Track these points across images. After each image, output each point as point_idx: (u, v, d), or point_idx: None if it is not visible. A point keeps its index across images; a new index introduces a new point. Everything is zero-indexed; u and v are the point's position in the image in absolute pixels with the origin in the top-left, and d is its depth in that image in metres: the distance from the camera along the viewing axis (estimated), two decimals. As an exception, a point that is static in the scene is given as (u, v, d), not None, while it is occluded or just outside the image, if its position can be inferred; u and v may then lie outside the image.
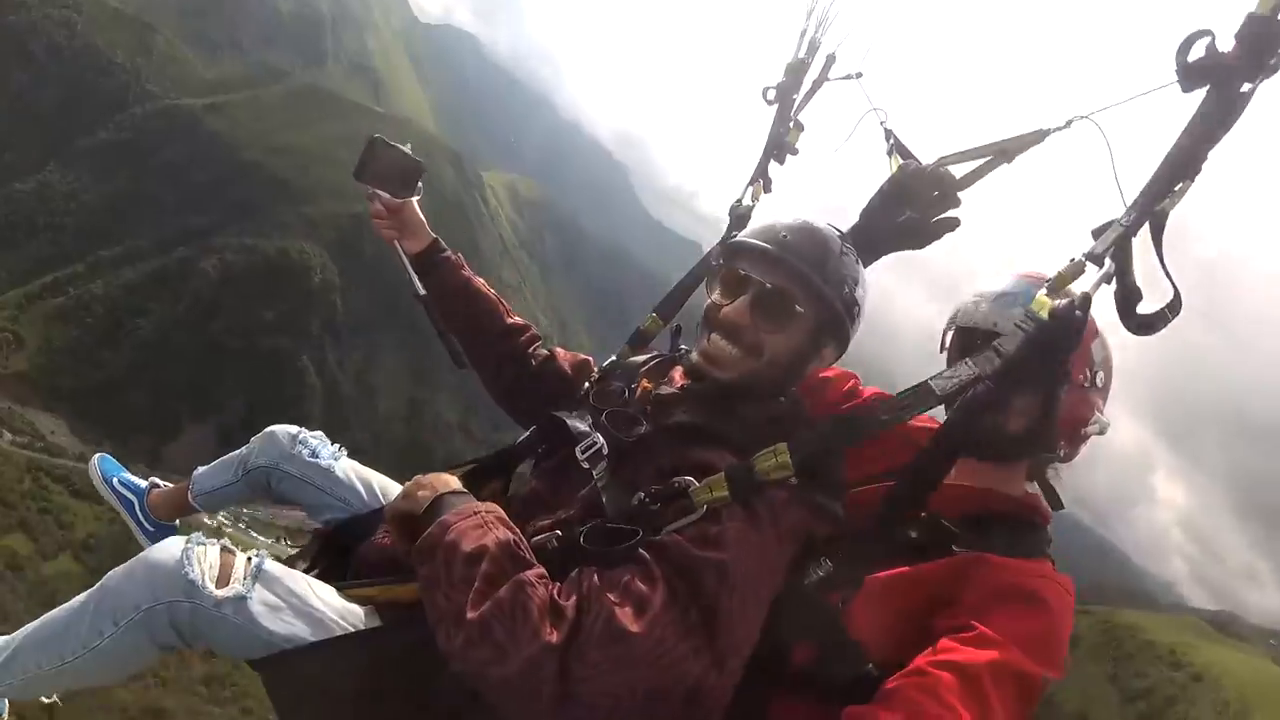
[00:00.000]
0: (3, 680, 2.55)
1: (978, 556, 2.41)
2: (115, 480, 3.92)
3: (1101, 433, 2.61)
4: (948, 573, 2.40)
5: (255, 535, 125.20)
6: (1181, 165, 2.00)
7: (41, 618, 2.55)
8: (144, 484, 3.93)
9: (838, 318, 2.55)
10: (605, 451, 2.42)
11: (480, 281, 3.38)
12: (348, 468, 3.35)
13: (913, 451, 2.31)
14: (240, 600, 2.25)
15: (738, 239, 2.67)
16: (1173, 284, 2.10)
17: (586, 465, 2.41)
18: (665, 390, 2.63)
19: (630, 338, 3.34)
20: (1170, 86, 2.04)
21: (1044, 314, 2.06)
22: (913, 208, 3.08)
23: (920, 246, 3.16)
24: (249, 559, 2.36)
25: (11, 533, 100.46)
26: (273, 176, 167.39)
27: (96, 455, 4.12)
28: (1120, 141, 2.32)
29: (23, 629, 2.59)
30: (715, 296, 2.63)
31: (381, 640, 2.35)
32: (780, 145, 3.58)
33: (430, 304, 3.33)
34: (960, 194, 3.02)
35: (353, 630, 2.35)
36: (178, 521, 3.85)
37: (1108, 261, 2.05)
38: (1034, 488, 2.73)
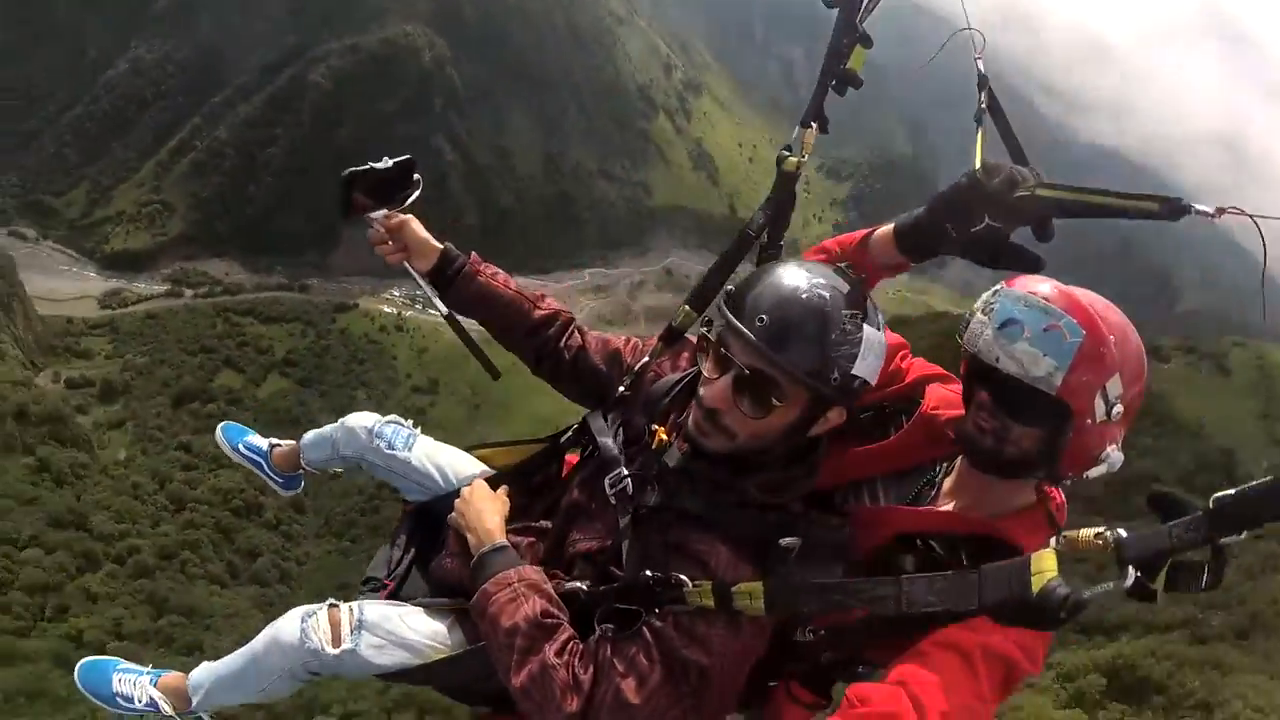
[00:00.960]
0: (202, 707, 3.50)
1: None
2: (240, 446, 4.57)
3: (1111, 470, 2.51)
4: None
5: (435, 313, 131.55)
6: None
7: (222, 664, 3.45)
8: (265, 446, 4.54)
9: (828, 401, 2.58)
10: (630, 493, 2.77)
11: (500, 280, 3.38)
12: (422, 455, 3.69)
13: (940, 448, 2.78)
14: (352, 651, 2.99)
15: (723, 309, 2.64)
16: (1219, 572, 1.86)
17: (614, 502, 2.79)
18: (672, 460, 2.76)
19: (663, 333, 3.22)
20: None
21: (1035, 582, 1.99)
22: (994, 218, 2.63)
23: (991, 266, 2.69)
24: (351, 611, 3.05)
25: (221, 372, 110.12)
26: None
27: (220, 426, 4.74)
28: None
29: (211, 674, 3.48)
30: (705, 367, 2.68)
31: (460, 663, 3.02)
32: (839, 70, 3.15)
33: (454, 319, 3.42)
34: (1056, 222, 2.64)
35: (441, 652, 3.04)
36: (301, 469, 4.41)
37: (1131, 573, 1.86)
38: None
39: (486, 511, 3.00)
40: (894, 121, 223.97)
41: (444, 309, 3.39)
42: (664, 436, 2.84)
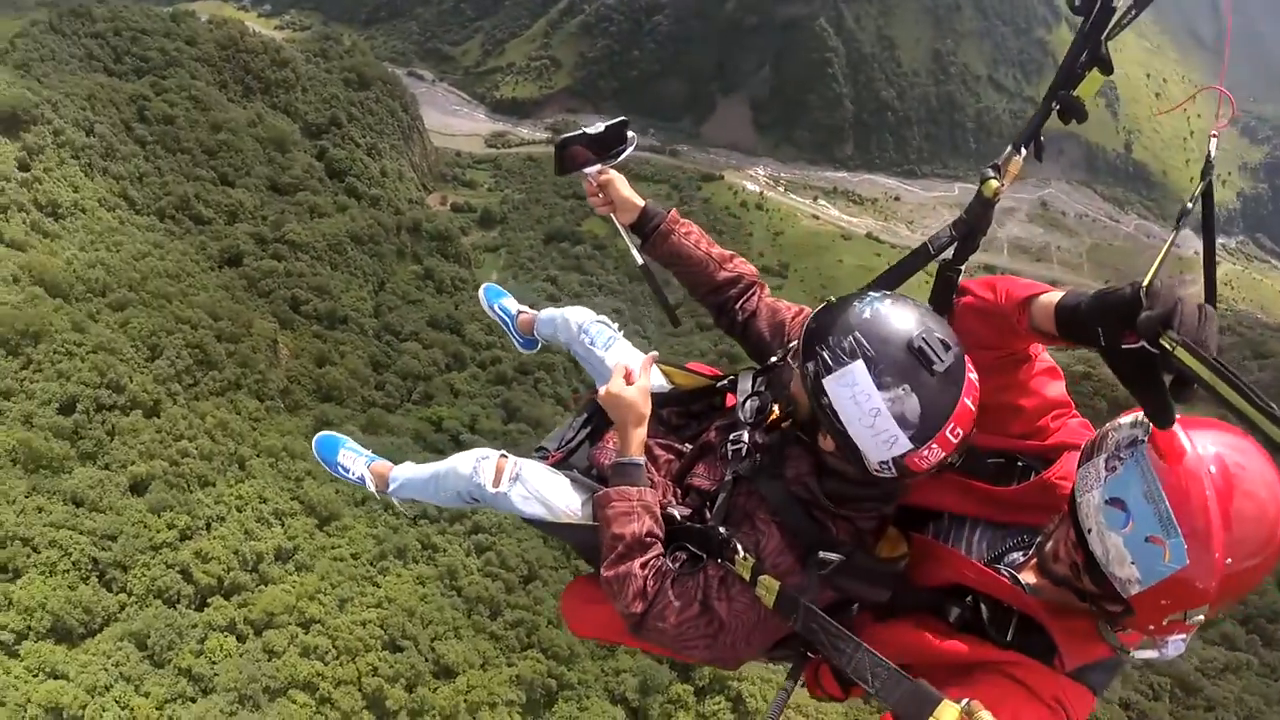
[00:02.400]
0: (393, 494, 4.51)
1: (1023, 660, 2.59)
2: (496, 305, 5.45)
3: (1161, 660, 2.54)
4: (986, 660, 2.64)
5: (795, 197, 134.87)
6: None
7: (417, 469, 4.40)
8: (514, 310, 5.33)
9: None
10: (744, 454, 3.17)
11: (692, 240, 3.74)
12: (616, 356, 4.16)
13: (1046, 518, 2.70)
14: (505, 495, 3.69)
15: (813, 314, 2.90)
16: None
17: (730, 457, 3.23)
18: (768, 440, 3.17)
19: None
20: None
21: None
22: (1150, 343, 2.19)
23: (1126, 388, 2.29)
24: (514, 464, 3.74)
25: (589, 218, 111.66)
26: None
27: (483, 286, 5.63)
28: None
29: (407, 473, 4.46)
30: None
31: (579, 532, 3.64)
32: (1066, 95, 2.91)
33: (648, 269, 3.87)
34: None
35: (569, 518, 3.64)
36: (536, 334, 5.06)
37: None
38: None
39: (631, 424, 3.35)
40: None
41: (640, 259, 3.83)
42: (775, 417, 3.13)
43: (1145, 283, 2.20)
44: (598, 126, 3.78)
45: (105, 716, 37.52)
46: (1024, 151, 2.98)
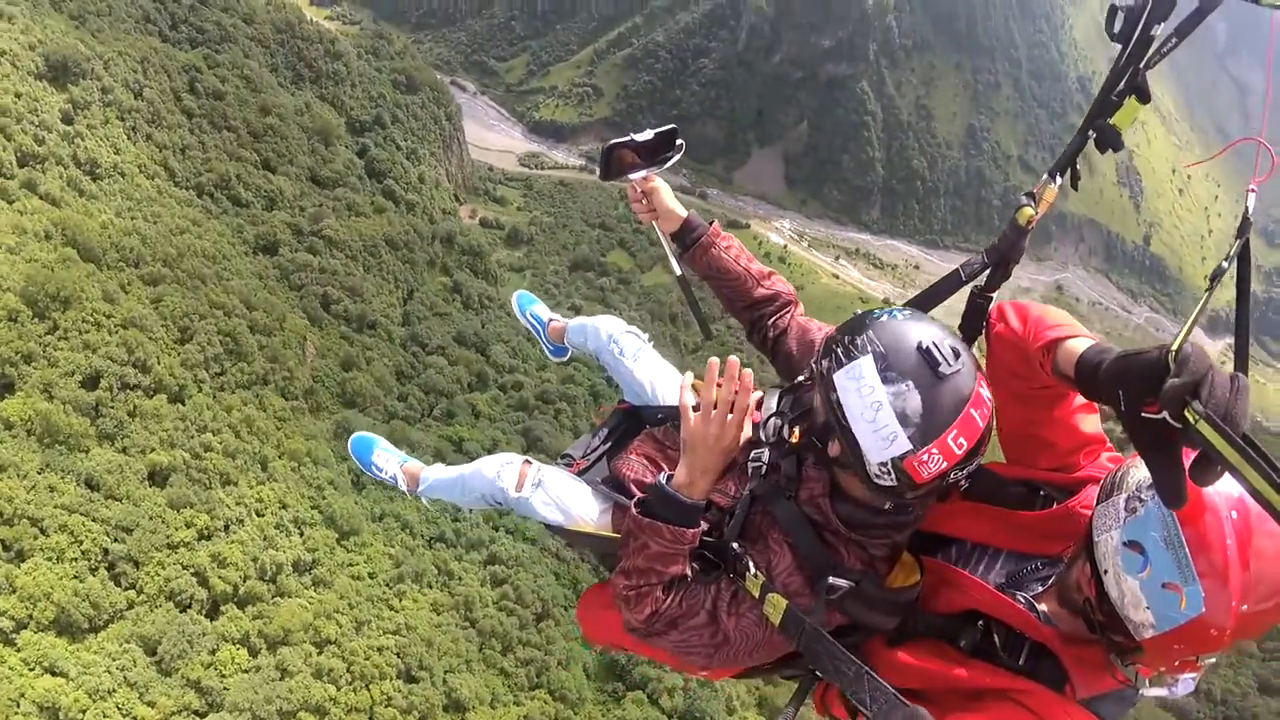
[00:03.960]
0: (422, 494, 4.79)
1: (1033, 688, 2.54)
2: (528, 313, 5.61)
3: (1170, 698, 2.54)
4: (996, 687, 2.60)
5: (817, 254, 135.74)
6: None
7: (446, 471, 4.70)
8: (545, 319, 5.48)
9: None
10: (764, 472, 3.07)
11: (732, 255, 3.71)
12: (644, 367, 4.33)
13: (1066, 546, 2.69)
14: (525, 500, 3.89)
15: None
16: None
17: (749, 474, 3.12)
18: (789, 463, 3.07)
19: None
20: None
21: None
22: (1174, 416, 1.96)
23: (1143, 458, 2.14)
24: (537, 470, 3.94)
25: (614, 250, 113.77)
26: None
27: (515, 293, 5.83)
28: None
29: (436, 474, 4.74)
30: None
31: (592, 540, 3.84)
32: (1102, 123, 2.85)
33: (684, 280, 3.90)
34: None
35: (586, 526, 3.79)
36: (566, 342, 5.15)
37: None
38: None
39: (711, 470, 3.00)
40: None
41: (678, 270, 3.86)
42: (795, 439, 3.04)
43: (1174, 347, 1.99)
44: (647, 133, 3.76)
45: (106, 723, 35.10)
46: (1059, 179, 2.95)
